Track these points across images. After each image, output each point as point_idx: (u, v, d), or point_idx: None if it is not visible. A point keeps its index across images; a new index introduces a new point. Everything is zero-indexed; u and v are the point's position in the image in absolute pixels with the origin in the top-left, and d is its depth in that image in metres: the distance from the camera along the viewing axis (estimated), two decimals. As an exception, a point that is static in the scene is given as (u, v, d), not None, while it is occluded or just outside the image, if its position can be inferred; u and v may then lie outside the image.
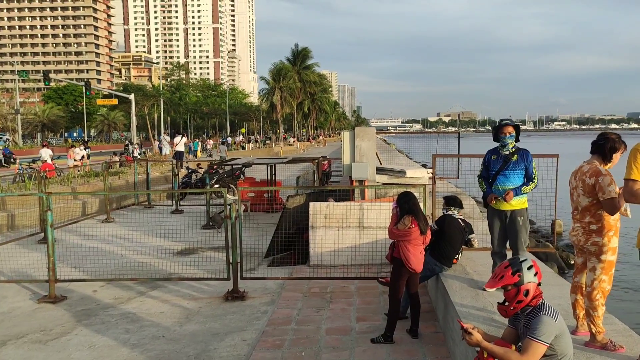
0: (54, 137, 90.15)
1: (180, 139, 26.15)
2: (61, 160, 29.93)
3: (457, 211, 6.64)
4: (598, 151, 4.36)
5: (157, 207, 16.61)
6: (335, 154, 37.27)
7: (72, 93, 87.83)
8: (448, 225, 6.42)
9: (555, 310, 3.35)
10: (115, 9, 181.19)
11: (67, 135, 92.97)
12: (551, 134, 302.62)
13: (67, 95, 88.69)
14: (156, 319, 6.71)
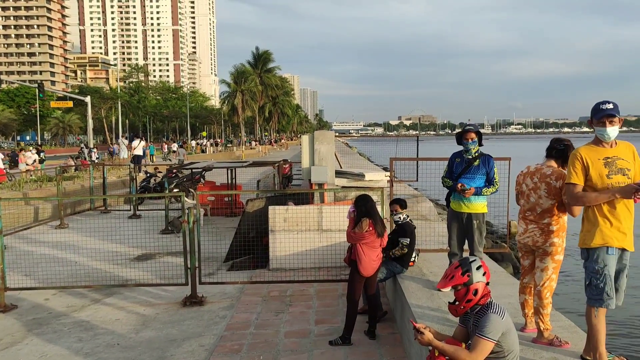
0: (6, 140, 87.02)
1: (138, 142, 25.67)
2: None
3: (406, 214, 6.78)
4: (558, 155, 4.54)
5: (114, 212, 16.24)
6: (297, 157, 37.28)
7: (25, 95, 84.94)
8: (409, 230, 6.59)
9: (503, 308, 3.46)
10: (70, 9, 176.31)
11: (20, 138, 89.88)
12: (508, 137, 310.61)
13: (20, 97, 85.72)
14: (111, 327, 6.57)
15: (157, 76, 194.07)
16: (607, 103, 3.83)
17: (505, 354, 3.40)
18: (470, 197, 5.59)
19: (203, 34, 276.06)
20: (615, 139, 3.87)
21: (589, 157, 3.85)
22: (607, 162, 3.81)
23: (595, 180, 3.83)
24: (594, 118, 3.86)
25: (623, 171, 3.77)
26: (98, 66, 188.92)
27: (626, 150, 3.86)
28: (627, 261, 3.84)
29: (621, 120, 3.87)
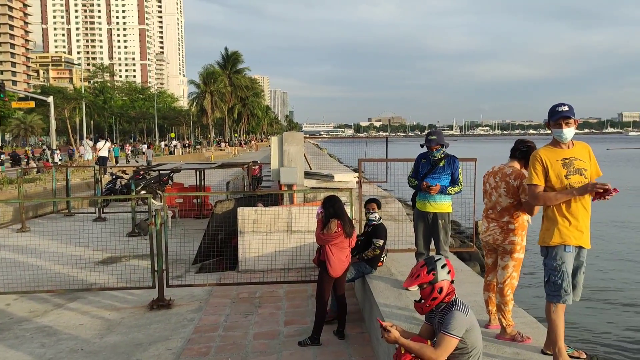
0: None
1: (103, 143, 25.17)
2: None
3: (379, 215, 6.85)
4: (522, 156, 4.65)
5: (78, 215, 15.88)
6: (267, 159, 37.10)
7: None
8: (382, 231, 6.65)
9: (467, 305, 3.53)
10: (32, 7, 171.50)
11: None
12: (476, 138, 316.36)
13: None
14: (74, 332, 6.43)
15: (123, 76, 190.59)
16: (562, 105, 3.94)
17: (469, 350, 3.47)
18: (435, 196, 5.67)
19: (171, 34, 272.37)
20: (572, 140, 3.98)
21: (548, 158, 3.96)
22: (565, 163, 3.92)
23: (554, 181, 3.93)
24: (551, 120, 3.97)
25: (580, 171, 3.89)
26: (61, 66, 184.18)
27: (582, 151, 3.98)
28: (584, 258, 3.95)
29: (576, 122, 3.97)
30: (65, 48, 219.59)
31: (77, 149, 43.32)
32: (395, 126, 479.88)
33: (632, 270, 14.59)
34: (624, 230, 20.47)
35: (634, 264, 15.23)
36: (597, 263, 15.08)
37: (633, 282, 13.37)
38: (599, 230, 19.50)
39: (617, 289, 12.84)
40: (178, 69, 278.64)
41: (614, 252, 16.80)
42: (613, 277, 13.90)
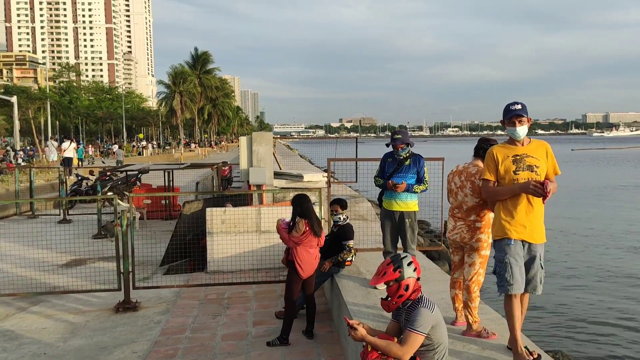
0: None
1: (68, 144, 24.60)
2: None
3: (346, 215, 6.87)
4: (484, 155, 4.71)
5: (42, 217, 15.48)
6: (237, 159, 36.85)
7: (-56, 94, 79.40)
8: (349, 231, 6.67)
9: (433, 302, 3.56)
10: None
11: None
12: (445, 139, 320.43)
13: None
14: (37, 336, 6.26)
15: (90, 76, 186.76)
16: (516, 104, 4.05)
17: (435, 347, 3.50)
18: (402, 195, 5.72)
19: (139, 33, 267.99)
20: (529, 138, 4.09)
21: (500, 154, 4.09)
22: (515, 159, 4.03)
23: (503, 176, 4.07)
24: (505, 118, 4.08)
25: (531, 168, 3.97)
26: (25, 65, 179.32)
27: (538, 149, 4.06)
28: (537, 253, 3.99)
29: (530, 120, 4.08)
30: (29, 47, 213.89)
31: (41, 149, 42.21)
32: (366, 127, 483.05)
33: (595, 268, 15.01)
34: (590, 230, 21.03)
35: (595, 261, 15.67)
36: (564, 260, 15.47)
37: (595, 280, 13.75)
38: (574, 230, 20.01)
39: (582, 285, 13.19)
40: (147, 69, 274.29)
41: (579, 248, 17.25)
42: (578, 274, 14.27)
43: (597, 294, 12.36)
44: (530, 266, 4.01)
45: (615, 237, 19.17)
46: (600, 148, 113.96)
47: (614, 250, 17.15)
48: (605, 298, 12.04)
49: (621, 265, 15.05)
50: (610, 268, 14.76)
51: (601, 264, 15.29)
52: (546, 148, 4.07)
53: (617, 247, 17.45)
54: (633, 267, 14.82)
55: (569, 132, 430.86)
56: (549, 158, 4.05)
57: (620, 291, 12.57)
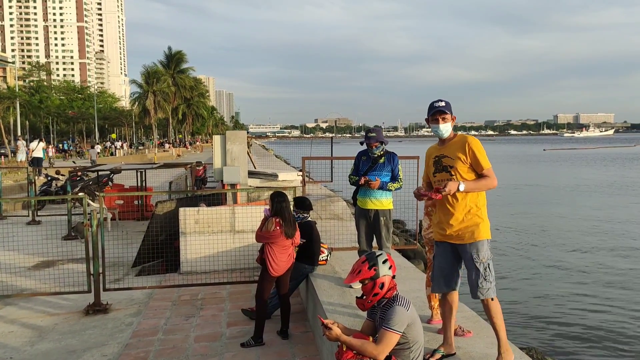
0: None
1: (37, 143, 24.03)
2: None
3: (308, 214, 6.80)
4: None
5: (10, 218, 15.05)
6: (212, 159, 36.53)
7: None
8: (313, 230, 6.60)
9: (408, 300, 3.53)
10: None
11: None
12: (420, 139, 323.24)
13: None
14: (3, 340, 6.05)
15: (61, 75, 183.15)
16: (439, 101, 3.98)
17: (411, 345, 3.47)
18: (376, 193, 5.69)
19: (111, 32, 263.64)
20: (454, 133, 4.01)
21: (428, 155, 4.15)
22: (435, 161, 4.04)
23: (427, 178, 4.17)
24: (428, 115, 4.01)
25: (446, 169, 3.92)
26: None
27: (455, 146, 3.92)
28: (468, 253, 3.86)
29: (454, 119, 4.00)
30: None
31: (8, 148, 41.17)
32: (342, 127, 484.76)
33: (567, 262, 15.27)
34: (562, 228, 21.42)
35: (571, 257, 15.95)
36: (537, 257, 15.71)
37: (563, 275, 13.99)
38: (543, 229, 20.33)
39: (548, 280, 13.40)
40: (119, 69, 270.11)
41: (551, 246, 17.54)
42: (544, 270, 14.50)
43: (567, 290, 12.57)
44: (467, 267, 3.90)
45: (590, 235, 19.56)
46: (571, 148, 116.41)
47: (586, 247, 17.49)
48: (575, 294, 12.26)
49: (592, 263, 15.35)
50: (579, 264, 15.04)
51: (570, 261, 15.58)
52: (466, 143, 3.88)
53: (592, 246, 17.79)
54: (608, 266, 15.12)
55: (541, 132, 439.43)
56: (471, 153, 3.85)
57: (591, 288, 12.82)
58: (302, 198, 6.91)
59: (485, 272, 3.80)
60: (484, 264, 3.81)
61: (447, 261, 4.01)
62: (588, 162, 69.27)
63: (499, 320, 3.79)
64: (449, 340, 4.04)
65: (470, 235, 3.85)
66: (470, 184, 3.80)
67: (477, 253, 3.83)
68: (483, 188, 3.85)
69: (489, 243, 3.90)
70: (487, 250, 3.86)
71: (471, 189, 3.80)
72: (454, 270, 4.04)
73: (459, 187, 3.74)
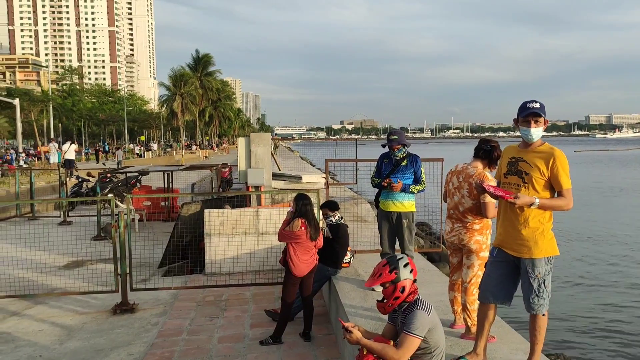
0: None
1: (69, 146, 24.60)
2: None
3: (339, 215, 6.81)
4: (485, 156, 4.62)
5: (43, 219, 15.45)
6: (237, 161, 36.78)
7: (-53, 97, 79.53)
8: (342, 231, 6.60)
9: (429, 304, 3.51)
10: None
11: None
12: (447, 141, 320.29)
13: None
14: (34, 338, 6.21)
15: (92, 79, 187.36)
16: (534, 102, 3.67)
17: (432, 350, 3.45)
18: (399, 195, 5.66)
19: (141, 36, 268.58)
20: (542, 141, 3.72)
21: (504, 154, 3.94)
22: (510, 162, 3.80)
23: (498, 177, 3.97)
24: (520, 116, 3.70)
25: (520, 173, 3.70)
26: (28, 67, 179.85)
27: (539, 155, 3.67)
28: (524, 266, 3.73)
29: (547, 122, 3.72)
30: (32, 50, 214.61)
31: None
32: (367, 129, 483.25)
33: (601, 268, 14.91)
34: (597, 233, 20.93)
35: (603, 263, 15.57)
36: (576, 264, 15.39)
37: (601, 283, 13.65)
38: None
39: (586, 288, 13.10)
40: (148, 72, 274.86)
41: (584, 252, 17.16)
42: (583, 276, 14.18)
43: (603, 299, 12.26)
44: (522, 279, 3.73)
45: (623, 240, 19.05)
46: (604, 149, 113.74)
47: (621, 253, 17.04)
48: (612, 302, 11.95)
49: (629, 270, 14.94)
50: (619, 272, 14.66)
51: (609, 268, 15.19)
52: (553, 157, 3.60)
53: (625, 252, 17.32)
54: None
55: (572, 133, 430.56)
56: (555, 169, 3.59)
57: (627, 296, 12.47)
58: (332, 200, 6.95)
59: (539, 288, 3.63)
60: (539, 279, 3.63)
61: (500, 270, 3.80)
62: (622, 163, 67.50)
63: (540, 335, 3.67)
64: (477, 350, 3.91)
65: (527, 250, 3.65)
66: (546, 202, 3.56)
67: (533, 268, 3.64)
68: (557, 209, 3.60)
69: (548, 260, 3.67)
70: (544, 266, 3.64)
71: (547, 206, 3.56)
72: (506, 281, 3.81)
73: (534, 202, 3.53)
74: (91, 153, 54.64)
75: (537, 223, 3.65)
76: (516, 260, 3.73)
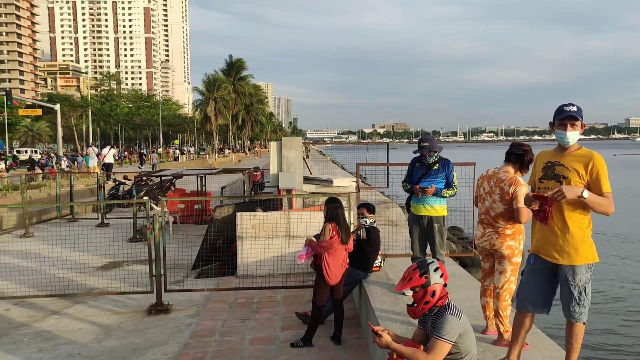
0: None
1: (108, 150, 25.27)
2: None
3: (373, 219, 6.81)
4: (516, 160, 4.54)
5: (82, 221, 15.91)
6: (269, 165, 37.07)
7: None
8: (374, 235, 6.61)
9: (460, 309, 3.49)
10: (40, 16, 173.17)
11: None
12: (480, 144, 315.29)
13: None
14: (72, 337, 6.42)
15: (129, 84, 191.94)
16: (571, 105, 3.62)
17: (462, 356, 3.43)
18: (430, 199, 5.64)
19: (176, 42, 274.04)
20: (579, 145, 3.66)
21: (538, 159, 3.88)
22: (546, 166, 3.73)
23: (532, 183, 3.89)
24: (556, 119, 3.64)
25: (558, 177, 3.64)
26: (69, 74, 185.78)
27: (577, 159, 3.62)
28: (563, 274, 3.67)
29: (584, 127, 3.66)
30: (72, 56, 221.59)
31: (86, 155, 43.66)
32: (399, 132, 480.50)
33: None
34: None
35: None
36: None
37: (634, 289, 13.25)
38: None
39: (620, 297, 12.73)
40: (183, 77, 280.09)
41: (618, 260, 16.67)
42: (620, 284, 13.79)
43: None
44: (561, 287, 3.65)
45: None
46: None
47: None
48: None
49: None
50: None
51: None
52: (592, 160, 3.54)
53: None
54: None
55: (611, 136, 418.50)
56: (594, 173, 3.54)
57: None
58: (370, 203, 6.98)
59: (580, 296, 3.56)
60: (579, 287, 3.56)
61: (538, 279, 3.73)
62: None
63: (577, 344, 3.61)
64: (511, 357, 3.86)
65: (567, 257, 3.58)
66: (594, 196, 3.45)
67: (574, 276, 3.56)
68: (602, 208, 3.50)
69: (589, 267, 3.59)
70: (585, 274, 3.57)
71: (594, 202, 3.46)
72: (545, 289, 3.73)
73: (582, 194, 3.41)
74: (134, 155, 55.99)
75: (577, 229, 3.58)
76: (554, 267, 3.67)
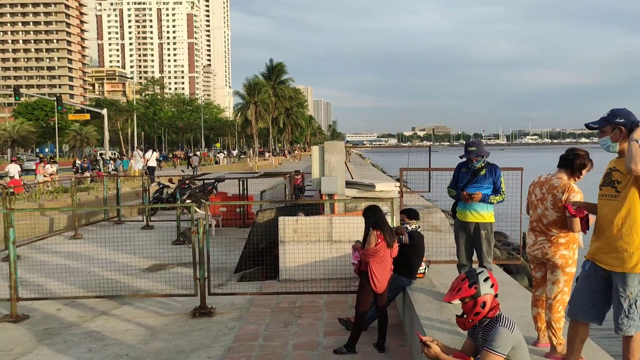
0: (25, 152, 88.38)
1: (151, 153, 25.89)
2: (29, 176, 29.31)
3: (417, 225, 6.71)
4: (567, 165, 4.39)
5: (128, 223, 16.34)
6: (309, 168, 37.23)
7: (44, 108, 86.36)
8: (417, 240, 6.51)
9: (512, 321, 3.38)
10: (88, 23, 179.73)
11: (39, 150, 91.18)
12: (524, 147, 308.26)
13: (38, 110, 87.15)
14: (120, 337, 6.57)
15: (172, 88, 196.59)
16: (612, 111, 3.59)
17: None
18: (477, 205, 5.51)
19: (218, 47, 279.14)
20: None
21: (609, 166, 3.76)
22: (606, 173, 3.67)
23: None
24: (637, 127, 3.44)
25: (613, 183, 3.57)
26: (115, 79, 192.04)
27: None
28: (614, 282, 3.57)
29: (622, 130, 3.56)
30: (119, 62, 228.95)
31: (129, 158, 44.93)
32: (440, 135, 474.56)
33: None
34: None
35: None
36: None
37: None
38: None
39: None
40: (224, 81, 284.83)
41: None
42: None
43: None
44: (613, 297, 3.53)
45: None
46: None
47: None
48: None
49: None
50: None
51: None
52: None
53: None
54: None
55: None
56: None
57: None
58: (412, 209, 6.90)
59: (630, 309, 3.44)
60: (630, 299, 3.44)
61: (591, 287, 3.62)
62: None
63: (633, 357, 3.48)
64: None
65: (620, 264, 3.47)
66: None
67: (624, 286, 3.44)
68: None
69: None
70: (637, 285, 3.44)
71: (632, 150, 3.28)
72: (598, 298, 3.62)
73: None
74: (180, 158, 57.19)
75: (635, 235, 3.45)
76: (608, 276, 3.54)
